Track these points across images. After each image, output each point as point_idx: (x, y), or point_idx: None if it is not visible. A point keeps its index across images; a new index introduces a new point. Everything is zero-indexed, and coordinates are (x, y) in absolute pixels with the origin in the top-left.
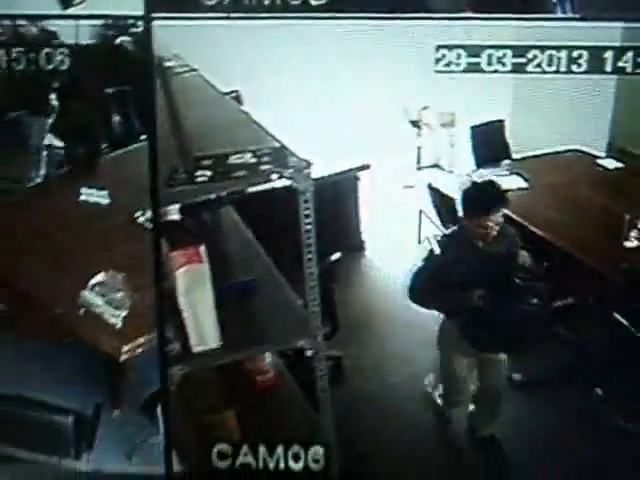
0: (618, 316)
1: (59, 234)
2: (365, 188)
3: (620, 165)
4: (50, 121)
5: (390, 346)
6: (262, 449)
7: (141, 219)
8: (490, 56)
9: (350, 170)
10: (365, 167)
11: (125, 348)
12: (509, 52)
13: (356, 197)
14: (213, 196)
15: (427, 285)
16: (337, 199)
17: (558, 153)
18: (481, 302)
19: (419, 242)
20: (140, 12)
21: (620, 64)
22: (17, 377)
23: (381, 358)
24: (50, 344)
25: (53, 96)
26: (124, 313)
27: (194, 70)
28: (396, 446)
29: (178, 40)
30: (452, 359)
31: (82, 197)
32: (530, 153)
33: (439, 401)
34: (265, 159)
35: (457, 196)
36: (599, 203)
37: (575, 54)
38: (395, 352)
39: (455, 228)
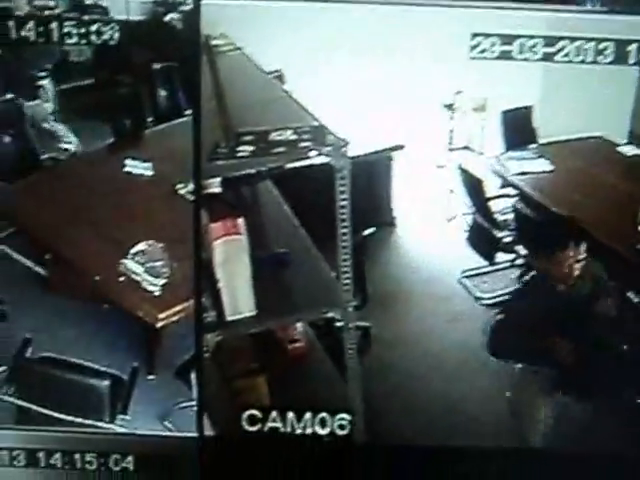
0: (631, 295)
1: (103, 203)
2: (399, 167)
3: (639, 152)
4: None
5: (416, 319)
6: (291, 414)
7: (182, 191)
8: (522, 45)
9: (385, 150)
10: (399, 147)
11: (162, 315)
12: (540, 41)
13: (389, 175)
14: (253, 171)
15: (507, 337)
16: (371, 177)
17: (582, 139)
18: (567, 355)
19: (448, 220)
20: None
21: None
22: (57, 341)
23: (407, 330)
24: (89, 309)
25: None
26: (163, 281)
27: (239, 49)
28: (419, 416)
29: (225, 19)
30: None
31: (126, 168)
32: (556, 138)
33: None
34: (305, 137)
35: (485, 178)
36: (618, 187)
37: (601, 46)
38: (421, 325)
39: (532, 273)
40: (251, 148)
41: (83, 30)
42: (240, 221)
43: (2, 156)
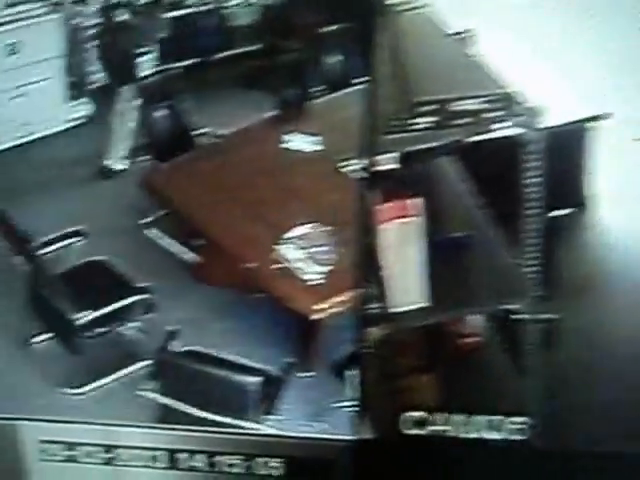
0: None
1: (260, 182)
2: (596, 139)
3: None
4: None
5: (610, 310)
6: (459, 417)
7: (350, 168)
8: None
9: (582, 120)
10: (600, 117)
11: (320, 306)
12: None
13: (586, 150)
14: (431, 145)
15: None
16: (565, 151)
17: None
18: None
19: None
20: None
21: None
22: (204, 333)
23: (598, 322)
24: (240, 299)
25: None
26: (326, 269)
27: (419, 7)
28: (609, 419)
29: None
30: None
31: (287, 143)
32: None
33: None
34: (491, 106)
35: None
36: None
37: None
38: (615, 316)
39: None
40: (430, 119)
41: None
42: (414, 202)
43: (155, 132)
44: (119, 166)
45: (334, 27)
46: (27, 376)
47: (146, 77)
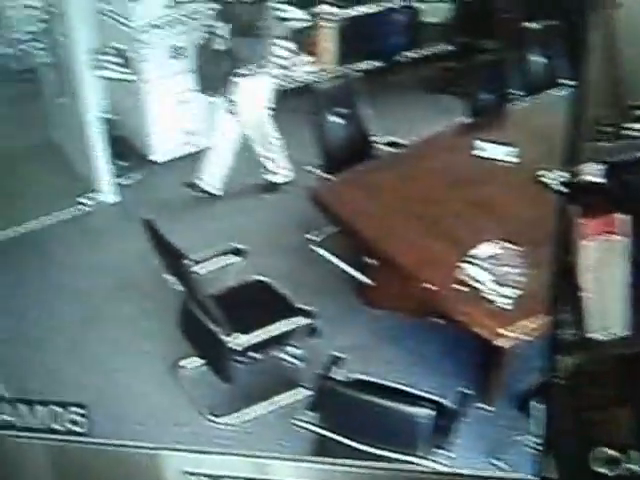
0: None
1: (446, 195)
2: None
3: None
4: None
5: None
6: None
7: (547, 179)
8: None
9: None
10: None
11: (507, 331)
12: None
13: None
14: None
15: None
16: None
17: None
18: None
19: None
20: None
21: None
22: (371, 360)
23: None
24: (412, 323)
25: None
26: (515, 292)
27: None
28: None
29: None
30: None
31: (477, 152)
32: None
33: None
34: None
35: None
36: None
37: None
38: None
39: None
40: None
41: None
42: (622, 218)
43: (329, 140)
44: (282, 179)
45: (541, 23)
46: (174, 402)
47: (320, 82)
